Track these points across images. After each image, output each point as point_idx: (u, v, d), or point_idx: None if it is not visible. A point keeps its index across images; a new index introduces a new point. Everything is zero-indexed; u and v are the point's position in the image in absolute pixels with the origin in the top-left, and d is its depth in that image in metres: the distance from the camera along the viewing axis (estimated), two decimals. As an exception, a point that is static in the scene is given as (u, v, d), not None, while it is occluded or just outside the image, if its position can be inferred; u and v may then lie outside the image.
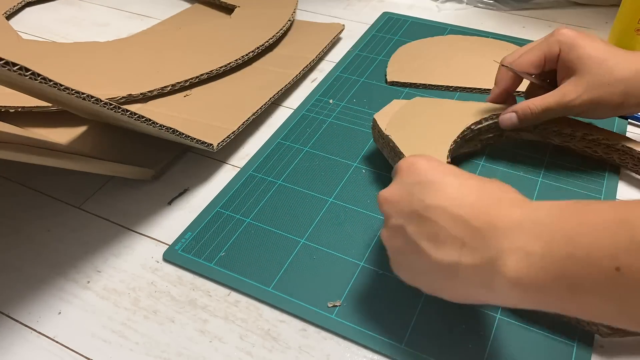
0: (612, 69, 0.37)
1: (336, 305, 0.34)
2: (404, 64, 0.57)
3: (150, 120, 0.37)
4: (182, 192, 0.44)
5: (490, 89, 0.52)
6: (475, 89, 0.53)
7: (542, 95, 0.40)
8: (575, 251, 0.22)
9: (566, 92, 0.38)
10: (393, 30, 0.64)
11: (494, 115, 0.42)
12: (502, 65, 0.42)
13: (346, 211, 0.41)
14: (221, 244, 0.39)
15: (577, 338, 0.32)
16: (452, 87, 0.51)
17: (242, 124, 0.47)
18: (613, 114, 0.39)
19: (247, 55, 0.56)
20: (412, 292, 0.34)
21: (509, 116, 0.41)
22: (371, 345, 0.32)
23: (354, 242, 0.39)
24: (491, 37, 0.62)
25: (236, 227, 0.40)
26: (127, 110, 0.35)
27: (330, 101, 0.52)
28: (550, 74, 0.41)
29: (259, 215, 0.41)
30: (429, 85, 0.54)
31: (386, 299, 0.35)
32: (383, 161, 0.45)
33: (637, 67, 0.37)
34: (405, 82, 0.54)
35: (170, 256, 0.38)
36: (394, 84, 0.54)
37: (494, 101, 0.44)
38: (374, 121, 0.43)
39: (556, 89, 0.39)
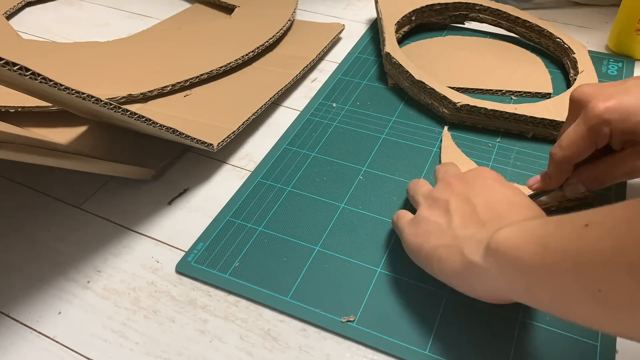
0: None
1: (350, 321, 0.34)
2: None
3: (150, 120, 0.37)
4: (182, 192, 0.44)
5: (490, 89, 0.53)
6: (476, 89, 0.53)
7: (607, 164, 0.36)
8: (562, 219, 0.24)
9: (636, 162, 0.35)
10: (393, 31, 0.64)
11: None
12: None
13: (359, 216, 0.41)
14: (234, 254, 0.38)
15: (599, 338, 0.32)
16: (453, 88, 0.51)
17: (242, 124, 0.47)
18: None
19: (247, 55, 0.56)
20: (433, 297, 0.35)
21: (574, 187, 0.38)
22: (395, 352, 0.32)
23: (370, 248, 0.38)
24: (491, 38, 0.62)
25: (248, 236, 0.39)
26: (127, 110, 0.35)
27: (334, 105, 0.52)
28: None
29: (271, 223, 0.40)
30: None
31: (406, 305, 0.35)
32: (392, 164, 0.45)
33: None
34: (405, 83, 0.54)
35: (183, 268, 0.38)
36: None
37: (548, 188, 0.40)
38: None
39: (621, 158, 0.36)
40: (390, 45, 0.54)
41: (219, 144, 0.44)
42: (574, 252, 0.22)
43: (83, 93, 0.32)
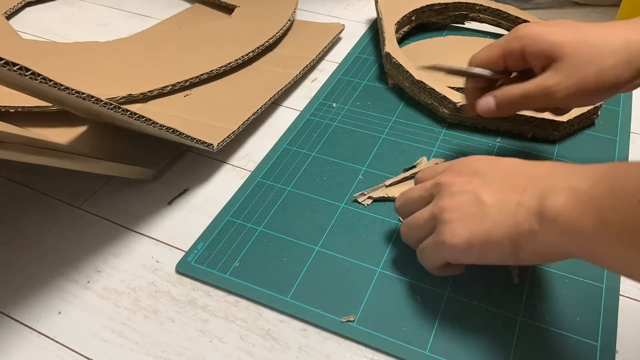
0: (594, 45, 0.33)
1: (350, 321, 0.34)
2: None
3: (150, 120, 0.37)
4: (182, 192, 0.44)
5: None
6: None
7: (518, 82, 0.36)
8: (614, 187, 0.24)
9: (546, 78, 0.35)
10: (393, 31, 0.64)
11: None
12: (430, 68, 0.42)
13: (359, 216, 0.41)
14: (234, 254, 0.38)
15: (600, 338, 0.32)
16: (453, 88, 0.51)
17: (242, 124, 0.47)
18: (601, 98, 0.35)
19: (247, 55, 0.56)
20: (433, 297, 0.35)
21: (485, 101, 0.38)
22: (395, 352, 0.32)
23: (370, 248, 0.38)
24: (491, 38, 0.62)
25: (248, 236, 0.39)
26: (127, 110, 0.35)
27: (334, 105, 0.52)
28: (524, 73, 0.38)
29: (271, 223, 0.40)
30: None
31: (406, 305, 0.35)
32: (392, 164, 0.45)
33: (624, 37, 0.33)
34: (405, 83, 0.54)
35: (183, 268, 0.38)
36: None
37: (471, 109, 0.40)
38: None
39: (532, 78, 0.36)
40: (390, 45, 0.54)
41: (219, 144, 0.44)
42: (632, 230, 0.22)
43: (83, 93, 0.32)
